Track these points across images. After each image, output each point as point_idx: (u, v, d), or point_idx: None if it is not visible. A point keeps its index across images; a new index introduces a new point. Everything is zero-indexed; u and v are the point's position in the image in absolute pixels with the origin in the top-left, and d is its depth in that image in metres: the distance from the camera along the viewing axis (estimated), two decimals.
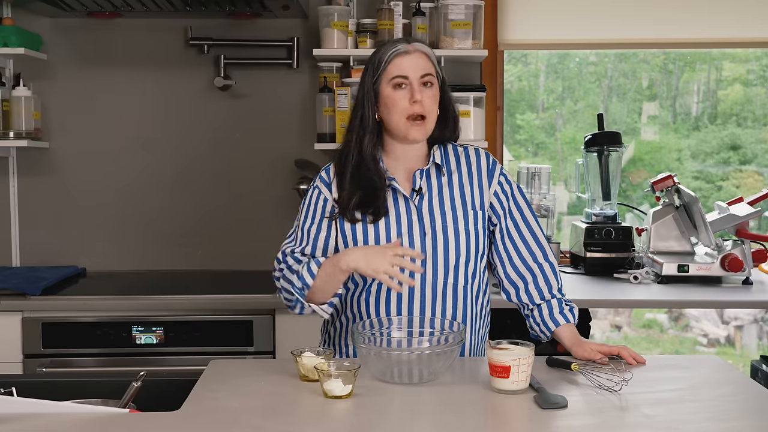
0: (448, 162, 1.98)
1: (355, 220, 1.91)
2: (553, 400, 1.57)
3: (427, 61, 1.91)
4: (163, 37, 3.27)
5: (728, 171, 4.35)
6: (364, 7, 3.19)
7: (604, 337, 4.70)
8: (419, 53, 1.90)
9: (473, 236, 1.93)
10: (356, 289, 1.94)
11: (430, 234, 1.91)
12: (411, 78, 1.88)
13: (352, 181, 1.91)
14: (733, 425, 1.50)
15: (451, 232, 1.91)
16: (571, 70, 4.32)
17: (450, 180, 1.96)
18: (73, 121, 3.29)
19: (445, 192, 1.95)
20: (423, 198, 1.93)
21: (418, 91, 1.87)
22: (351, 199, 1.90)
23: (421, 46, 1.92)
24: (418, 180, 1.94)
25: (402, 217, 1.91)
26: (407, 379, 1.69)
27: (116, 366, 2.72)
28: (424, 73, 1.89)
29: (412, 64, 1.88)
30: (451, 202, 1.94)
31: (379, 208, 1.90)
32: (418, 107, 1.87)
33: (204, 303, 2.77)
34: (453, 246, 1.91)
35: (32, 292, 2.77)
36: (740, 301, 2.87)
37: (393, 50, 1.89)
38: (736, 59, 4.30)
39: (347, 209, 1.90)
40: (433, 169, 1.97)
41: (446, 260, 1.91)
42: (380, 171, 1.92)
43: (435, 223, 1.91)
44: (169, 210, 3.33)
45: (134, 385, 1.65)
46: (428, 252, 1.90)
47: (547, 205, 3.19)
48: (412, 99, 1.87)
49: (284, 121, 3.30)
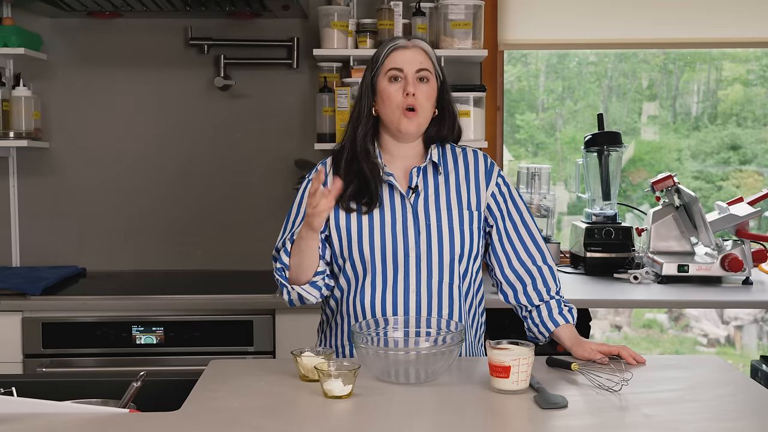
0: (445, 161, 1.99)
1: (349, 210, 1.92)
2: (553, 400, 1.57)
3: (425, 56, 1.93)
4: (163, 37, 3.27)
5: (728, 171, 4.35)
6: (364, 7, 3.19)
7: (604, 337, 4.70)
8: (417, 49, 1.92)
9: (467, 236, 1.94)
10: (350, 289, 1.95)
11: (425, 232, 1.91)
12: (406, 71, 1.90)
13: (347, 172, 1.93)
14: (733, 425, 1.50)
15: (445, 230, 1.92)
16: (571, 70, 4.32)
17: (446, 179, 1.97)
18: (73, 121, 3.29)
19: (441, 191, 1.95)
20: (419, 196, 1.94)
21: (412, 85, 1.89)
22: (347, 187, 1.92)
23: (420, 42, 1.94)
24: (415, 177, 1.95)
25: (397, 214, 1.92)
26: (407, 379, 1.69)
27: (116, 366, 2.72)
28: (420, 67, 1.90)
29: (409, 58, 1.91)
30: (447, 201, 1.94)
31: (372, 198, 1.91)
32: (411, 100, 1.89)
33: (204, 303, 2.77)
34: (447, 244, 1.92)
35: (32, 292, 2.77)
36: (740, 301, 2.87)
37: (392, 45, 1.93)
38: (736, 59, 4.30)
39: (342, 198, 1.92)
40: (430, 168, 1.97)
41: (440, 259, 1.92)
42: (374, 164, 1.94)
43: (430, 221, 1.92)
44: (170, 210, 3.33)
45: (134, 385, 1.65)
46: (422, 250, 1.91)
47: (547, 205, 3.19)
48: (405, 92, 1.89)
49: (284, 121, 3.30)
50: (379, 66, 1.92)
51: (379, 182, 1.93)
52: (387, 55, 1.92)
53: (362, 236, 1.91)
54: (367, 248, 1.91)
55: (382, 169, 1.94)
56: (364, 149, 1.94)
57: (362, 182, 1.92)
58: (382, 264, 1.91)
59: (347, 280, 1.95)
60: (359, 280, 1.93)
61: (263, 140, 3.30)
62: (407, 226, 1.92)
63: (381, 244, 1.90)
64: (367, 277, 1.91)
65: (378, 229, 1.91)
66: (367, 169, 1.92)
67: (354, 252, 1.91)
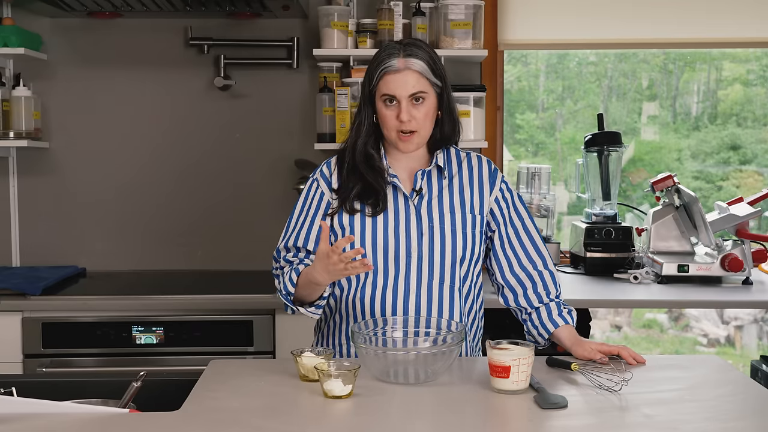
0: (450, 165, 1.99)
1: (354, 211, 1.92)
2: (553, 400, 1.57)
3: (418, 77, 1.88)
4: (163, 37, 3.27)
5: (728, 171, 4.35)
6: (364, 7, 3.19)
7: (604, 337, 4.70)
8: (409, 71, 1.88)
9: (470, 239, 1.94)
10: (350, 288, 1.95)
11: (428, 234, 1.92)
12: (399, 97, 1.88)
13: (351, 175, 1.94)
14: (733, 425, 1.50)
15: (448, 233, 1.92)
16: (571, 70, 4.32)
17: (450, 183, 1.97)
18: (73, 121, 3.29)
19: (444, 194, 1.96)
20: (423, 198, 1.94)
21: (406, 111, 1.87)
22: (352, 189, 1.92)
23: (413, 62, 1.88)
24: (419, 180, 1.95)
25: (401, 215, 1.93)
26: (407, 379, 1.69)
27: (116, 366, 2.72)
28: (413, 92, 1.88)
29: (401, 84, 1.87)
30: (450, 205, 1.95)
31: (378, 200, 1.91)
32: (405, 126, 1.88)
33: (204, 303, 2.77)
34: (449, 247, 1.92)
35: (32, 292, 2.77)
36: (740, 301, 2.87)
37: (383, 68, 1.88)
38: (736, 59, 4.30)
39: (347, 199, 1.92)
40: (435, 171, 1.97)
41: (442, 261, 1.92)
42: (377, 167, 1.94)
43: (433, 223, 1.92)
44: (169, 210, 3.33)
45: (134, 385, 1.65)
46: (424, 251, 1.91)
47: (547, 205, 3.19)
48: (399, 118, 1.88)
49: (284, 121, 3.30)
50: (375, 85, 1.91)
51: (384, 186, 1.93)
52: (380, 77, 1.89)
53: (365, 236, 1.91)
54: (369, 248, 1.91)
55: (387, 171, 1.94)
56: (365, 155, 1.94)
57: (366, 184, 1.93)
58: (383, 264, 1.91)
59: (348, 279, 1.95)
60: (359, 280, 1.93)
61: (263, 140, 3.30)
62: (410, 228, 1.92)
63: (383, 245, 1.91)
64: (368, 277, 1.92)
65: (381, 229, 1.92)
66: (371, 176, 1.92)
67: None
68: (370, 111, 1.94)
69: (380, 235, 1.91)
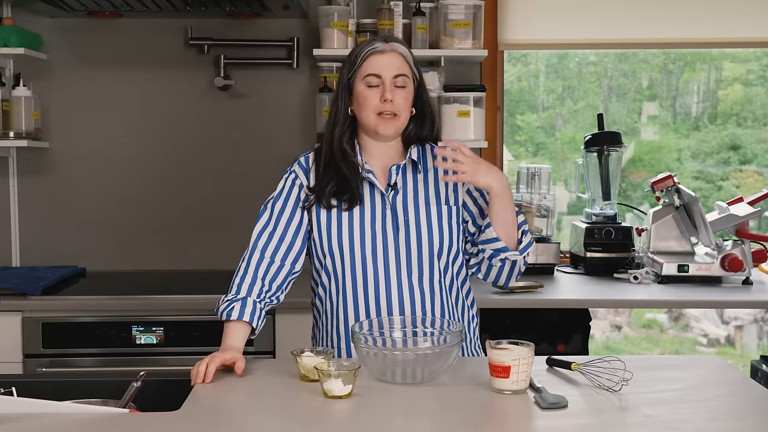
0: (424, 160, 2.00)
1: (330, 207, 1.94)
2: (553, 400, 1.57)
3: (402, 61, 1.94)
4: (163, 37, 3.27)
5: (728, 171, 4.34)
6: (364, 7, 3.19)
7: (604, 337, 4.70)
8: (395, 53, 1.93)
9: (446, 231, 1.95)
10: (331, 287, 1.96)
11: (404, 229, 1.93)
12: (384, 77, 1.91)
13: (327, 170, 1.96)
14: (733, 425, 1.50)
15: (424, 227, 1.93)
16: (571, 70, 4.32)
17: (425, 177, 1.99)
18: (73, 121, 3.29)
19: (420, 189, 1.97)
20: (398, 193, 1.96)
21: (390, 91, 1.90)
22: (327, 185, 1.94)
23: (397, 46, 1.95)
24: (394, 175, 1.96)
25: (377, 211, 1.94)
26: (407, 379, 1.69)
27: (116, 366, 2.72)
28: (398, 73, 1.92)
29: (386, 63, 1.91)
30: (426, 199, 1.96)
31: (353, 195, 1.92)
32: (389, 106, 1.91)
33: (204, 303, 2.76)
34: (426, 241, 1.93)
35: (32, 292, 2.77)
36: (740, 301, 2.87)
37: (369, 48, 1.93)
38: (736, 59, 4.29)
39: (323, 196, 1.94)
40: (410, 166, 1.99)
41: (419, 255, 1.93)
42: (352, 162, 1.95)
43: (408, 217, 1.94)
44: (169, 210, 3.33)
45: (134, 385, 1.65)
46: (401, 247, 1.93)
47: (547, 205, 3.19)
48: (383, 98, 1.90)
49: (284, 121, 3.30)
50: (357, 69, 1.93)
51: (359, 181, 1.94)
52: (365, 59, 1.93)
53: (342, 232, 1.93)
54: (346, 244, 1.92)
55: (362, 167, 1.95)
56: (341, 150, 1.96)
57: (342, 180, 1.94)
58: (362, 260, 1.92)
59: (328, 277, 1.96)
60: (339, 278, 1.94)
61: (263, 140, 3.30)
62: (386, 223, 1.93)
63: (360, 241, 1.92)
64: (347, 274, 1.93)
65: (357, 225, 1.93)
66: (347, 170, 1.94)
67: (334, 248, 1.93)
68: (347, 98, 1.96)
69: (357, 231, 1.93)
